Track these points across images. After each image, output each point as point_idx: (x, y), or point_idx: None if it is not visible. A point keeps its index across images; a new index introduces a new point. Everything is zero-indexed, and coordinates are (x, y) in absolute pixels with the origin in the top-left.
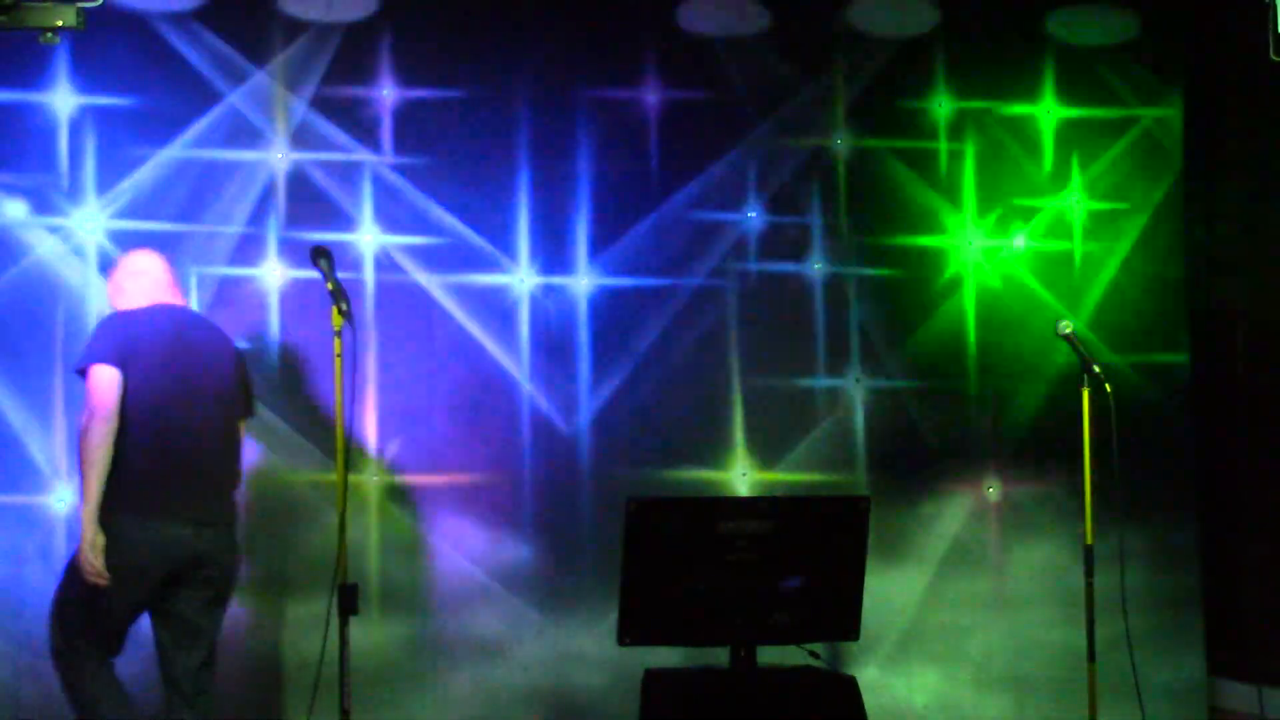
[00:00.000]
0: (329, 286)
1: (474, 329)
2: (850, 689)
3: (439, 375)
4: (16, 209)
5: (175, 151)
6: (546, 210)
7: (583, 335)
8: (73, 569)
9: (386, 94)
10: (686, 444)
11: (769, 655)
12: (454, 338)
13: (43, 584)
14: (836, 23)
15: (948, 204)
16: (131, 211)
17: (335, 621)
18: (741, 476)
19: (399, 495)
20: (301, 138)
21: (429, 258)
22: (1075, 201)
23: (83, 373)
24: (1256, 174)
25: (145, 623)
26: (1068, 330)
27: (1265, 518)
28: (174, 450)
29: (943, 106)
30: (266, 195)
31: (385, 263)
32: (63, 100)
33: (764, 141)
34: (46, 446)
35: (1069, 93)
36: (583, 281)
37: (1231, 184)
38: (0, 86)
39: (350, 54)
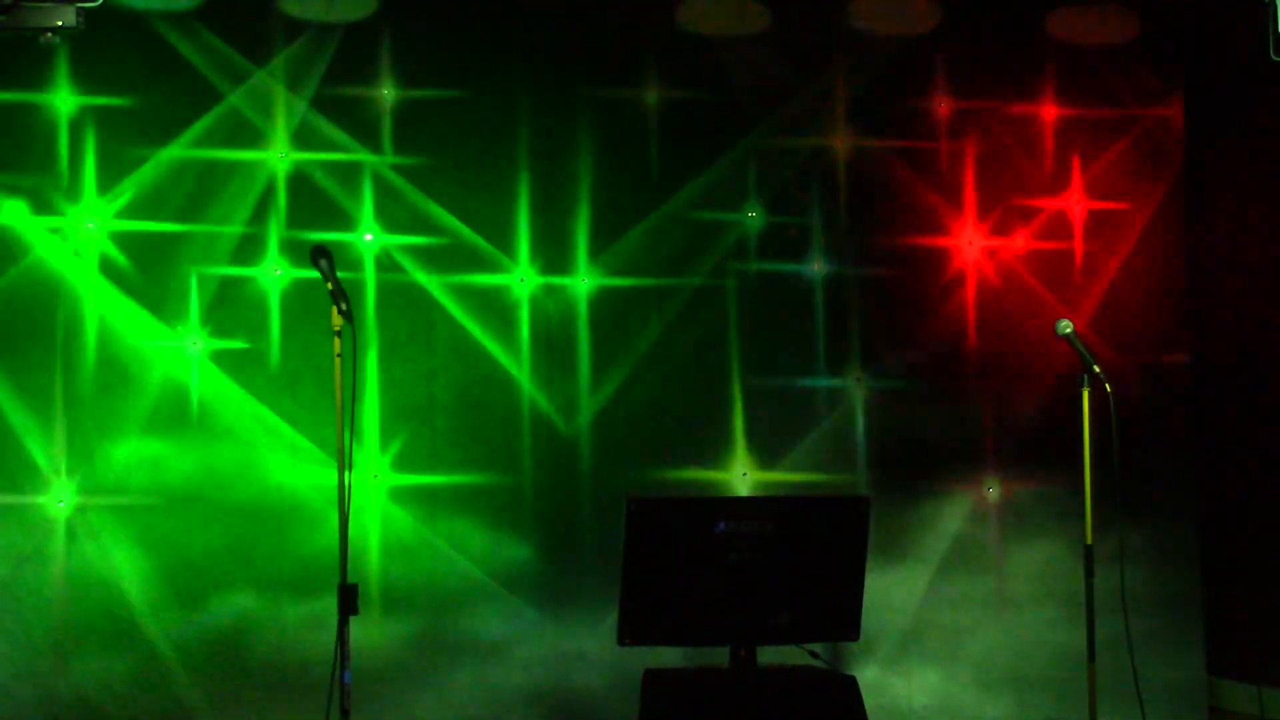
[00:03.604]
0: (329, 286)
1: (474, 329)
2: (850, 689)
3: (439, 375)
4: (16, 209)
5: (175, 151)
6: (546, 210)
7: (583, 335)
8: None
9: (386, 94)
10: (686, 444)
11: (769, 655)
12: (454, 338)
13: (42, 584)
14: (836, 23)
15: (948, 204)
16: (131, 211)
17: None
18: (742, 476)
19: (399, 495)
20: (301, 138)
21: (429, 258)
22: (1074, 202)
23: None
24: (1256, 174)
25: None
26: (1068, 330)
27: (1265, 518)
28: None
29: (943, 106)
30: (266, 195)
31: (385, 263)
32: (63, 100)
33: (764, 141)
34: (46, 446)
35: (1069, 93)
36: (583, 281)
37: (1231, 184)
38: (0, 86)
39: (350, 54)
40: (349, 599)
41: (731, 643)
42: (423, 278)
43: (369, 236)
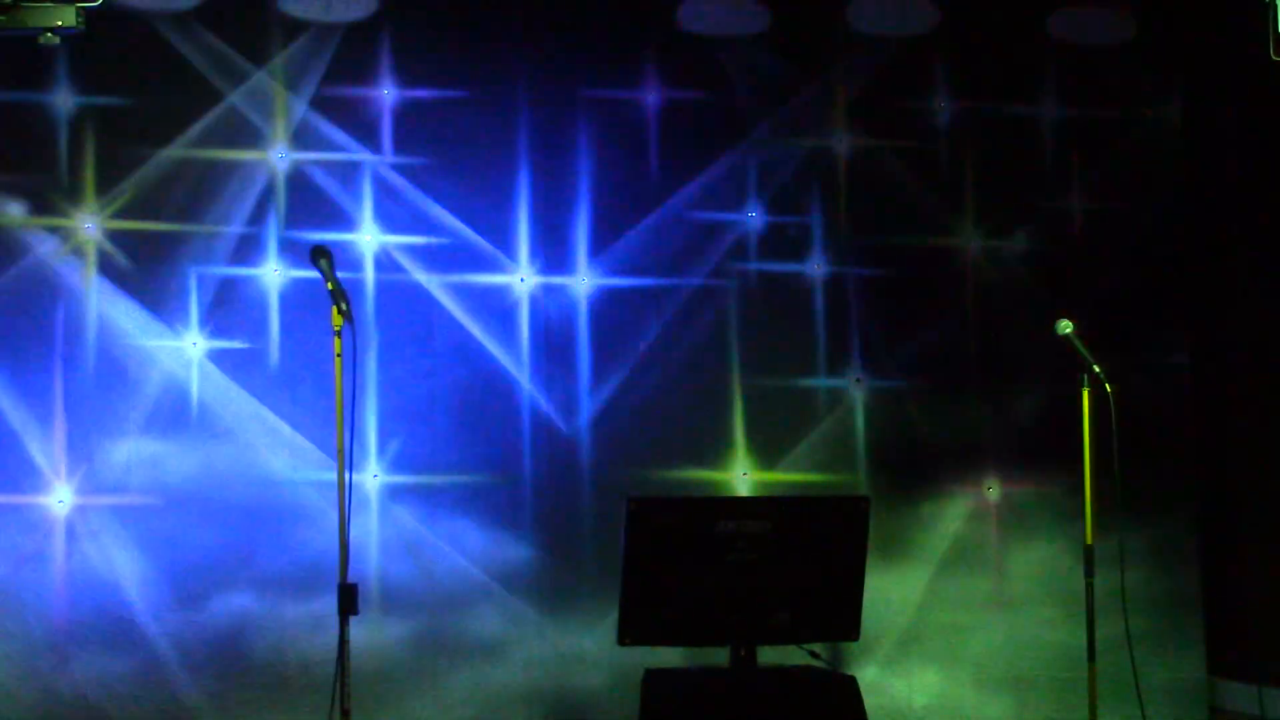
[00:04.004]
0: (329, 286)
1: (474, 329)
2: (850, 689)
3: (439, 375)
4: (16, 209)
5: (175, 151)
6: (546, 210)
7: (583, 335)
8: None
9: (386, 94)
10: (686, 444)
11: (769, 655)
12: (454, 338)
13: (42, 584)
14: (836, 23)
15: (948, 204)
16: (131, 211)
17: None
18: (741, 476)
19: (399, 495)
20: (301, 138)
21: (429, 258)
22: (1074, 202)
23: None
24: (1256, 174)
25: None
26: (1068, 330)
27: (1265, 518)
28: None
29: (943, 106)
30: (266, 195)
31: (385, 263)
32: (63, 100)
33: (764, 141)
34: (46, 446)
35: (1069, 93)
36: (583, 281)
37: (1231, 184)
38: (0, 86)
39: (350, 54)
40: (349, 599)
41: (731, 643)
42: (423, 278)
43: (368, 237)
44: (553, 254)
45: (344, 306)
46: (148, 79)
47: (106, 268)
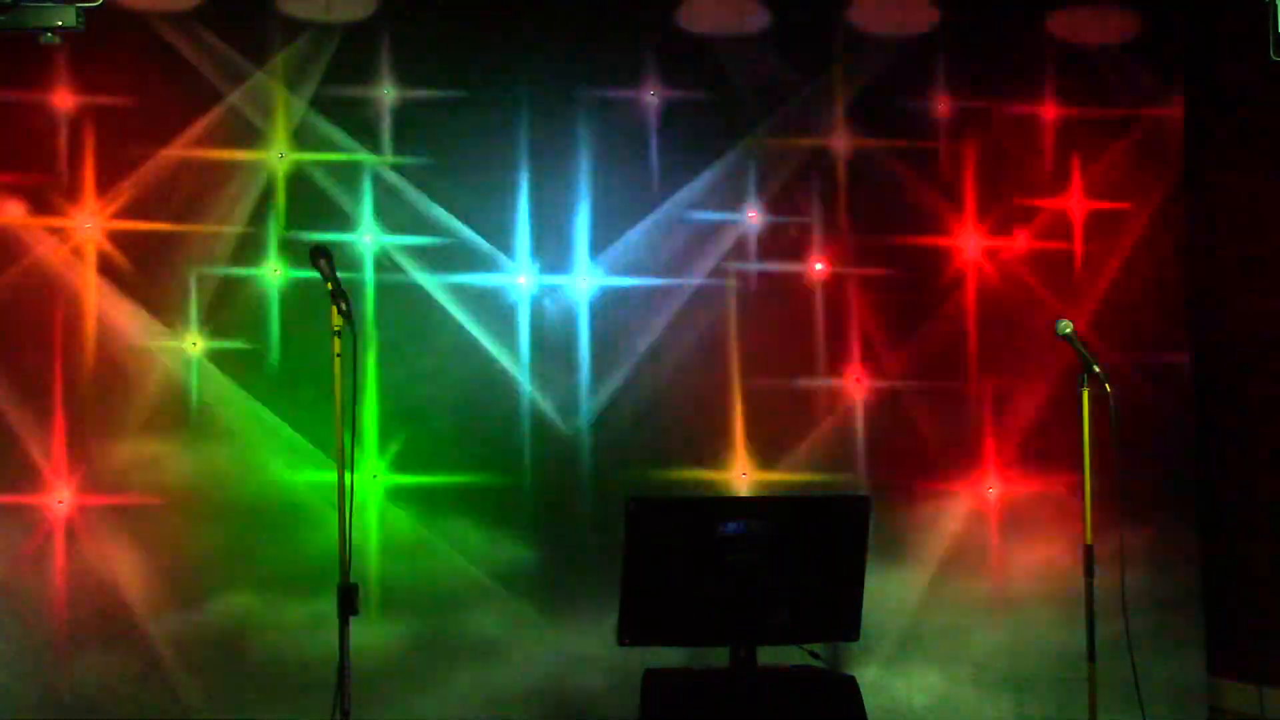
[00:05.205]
0: (329, 286)
1: (474, 329)
2: (850, 689)
3: (439, 375)
4: (16, 209)
5: (175, 151)
6: (546, 210)
7: (583, 335)
8: None
9: (386, 94)
10: (686, 444)
11: (769, 655)
12: (454, 338)
13: (42, 584)
14: (836, 23)
15: (948, 204)
16: (131, 211)
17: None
18: (741, 476)
19: (399, 495)
20: (301, 138)
21: (429, 258)
22: (1074, 202)
23: None
24: (1256, 174)
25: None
26: (1068, 330)
27: (1265, 518)
28: None
29: (943, 106)
30: (266, 195)
31: (385, 263)
32: (63, 100)
33: (764, 141)
34: (46, 446)
35: (1069, 93)
36: (583, 281)
37: (1231, 184)
38: (0, 86)
39: (350, 54)
40: (349, 599)
41: (731, 643)
42: (423, 278)
43: (368, 237)
44: (553, 254)
45: (344, 306)
46: (148, 79)
47: (106, 268)
